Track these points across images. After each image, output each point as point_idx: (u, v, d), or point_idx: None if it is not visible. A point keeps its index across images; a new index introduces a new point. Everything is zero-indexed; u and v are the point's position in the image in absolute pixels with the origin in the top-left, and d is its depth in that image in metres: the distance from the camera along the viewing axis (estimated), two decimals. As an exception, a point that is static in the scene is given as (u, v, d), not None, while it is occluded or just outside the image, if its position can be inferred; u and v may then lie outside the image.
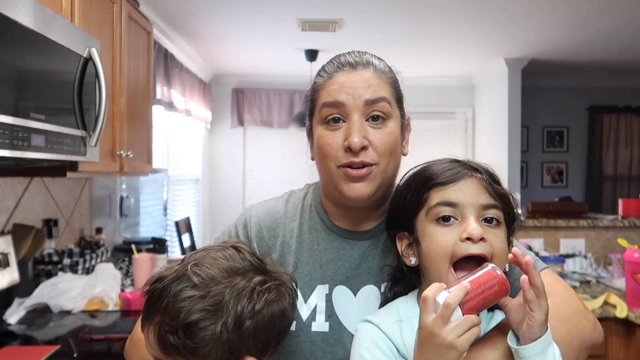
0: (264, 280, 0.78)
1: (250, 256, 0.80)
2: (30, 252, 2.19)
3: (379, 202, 0.93)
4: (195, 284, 0.74)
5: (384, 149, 0.88)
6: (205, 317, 0.73)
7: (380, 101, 0.88)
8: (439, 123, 5.75)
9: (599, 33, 3.90)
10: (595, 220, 3.03)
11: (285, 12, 3.47)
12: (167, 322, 0.73)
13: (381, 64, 0.94)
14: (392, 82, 0.93)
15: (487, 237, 0.80)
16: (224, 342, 0.73)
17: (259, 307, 0.75)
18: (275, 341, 0.80)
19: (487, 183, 0.85)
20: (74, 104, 1.64)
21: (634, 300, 2.24)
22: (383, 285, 0.90)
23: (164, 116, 4.03)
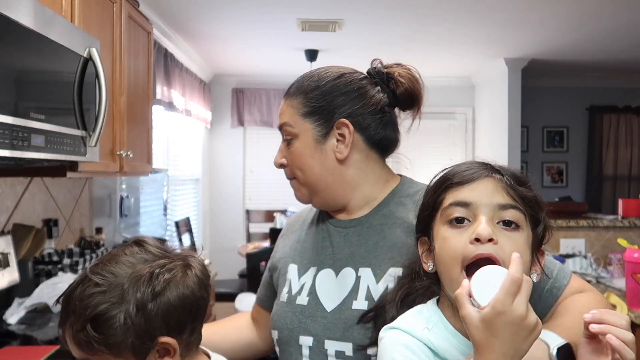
0: (164, 264, 0.81)
1: (153, 247, 0.84)
2: (30, 252, 2.19)
3: (336, 201, 1.03)
4: (97, 282, 0.78)
5: (293, 165, 1.02)
6: (108, 308, 0.77)
7: (284, 126, 1.02)
8: (439, 123, 5.75)
9: (599, 33, 3.90)
10: (595, 220, 3.03)
11: (285, 12, 3.47)
12: (76, 322, 0.78)
13: (294, 87, 1.04)
14: (299, 101, 1.01)
15: (499, 239, 0.75)
16: (131, 328, 0.77)
17: (159, 288, 0.78)
18: (190, 319, 0.82)
19: (508, 184, 0.79)
20: (74, 104, 1.64)
21: (634, 300, 2.24)
22: (360, 268, 0.97)
23: (164, 116, 4.03)
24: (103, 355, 0.78)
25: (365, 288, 0.94)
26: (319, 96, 1.00)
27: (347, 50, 4.47)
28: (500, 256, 0.74)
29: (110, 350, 0.77)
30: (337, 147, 0.99)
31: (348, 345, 0.92)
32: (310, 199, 1.03)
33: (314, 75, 1.03)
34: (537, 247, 0.81)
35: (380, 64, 1.04)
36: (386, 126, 1.03)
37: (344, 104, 0.99)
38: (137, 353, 0.79)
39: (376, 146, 1.03)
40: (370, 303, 0.92)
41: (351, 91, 1.00)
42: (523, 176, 0.83)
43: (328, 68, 1.04)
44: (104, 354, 0.78)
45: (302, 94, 1.01)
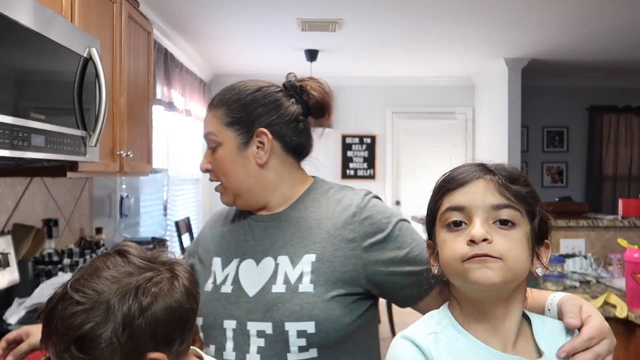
0: (151, 277, 0.78)
1: (136, 258, 0.80)
2: (30, 252, 2.19)
3: (258, 202, 1.14)
4: (78, 300, 0.74)
5: (218, 171, 1.13)
6: (93, 327, 0.73)
7: (208, 135, 1.12)
8: (439, 123, 5.76)
9: (599, 33, 3.90)
10: (595, 220, 3.03)
11: (285, 12, 3.47)
12: (59, 341, 0.74)
13: (217, 99, 1.14)
14: (222, 112, 1.12)
15: (495, 239, 0.77)
16: (117, 347, 0.73)
17: (146, 303, 0.75)
18: (179, 331, 0.79)
19: (500, 183, 0.80)
20: (74, 104, 1.64)
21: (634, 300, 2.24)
22: (278, 257, 1.08)
23: (164, 116, 4.03)
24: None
25: (283, 273, 1.06)
26: (239, 108, 1.11)
27: (347, 50, 4.47)
28: (496, 254, 0.77)
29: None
30: (258, 154, 1.11)
31: (268, 324, 1.03)
32: (234, 201, 1.14)
33: (235, 89, 1.13)
34: (539, 241, 0.83)
35: (294, 78, 1.18)
36: (300, 134, 1.15)
37: (263, 114, 1.10)
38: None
39: (292, 152, 1.14)
40: (288, 286, 1.04)
41: (269, 103, 1.11)
42: (517, 172, 0.84)
43: (247, 82, 1.16)
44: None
45: (224, 106, 1.12)
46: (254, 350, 1.03)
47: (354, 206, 1.08)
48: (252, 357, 1.03)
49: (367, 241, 1.04)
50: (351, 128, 5.72)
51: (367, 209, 1.07)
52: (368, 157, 5.73)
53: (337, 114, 5.67)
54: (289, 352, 1.01)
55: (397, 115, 5.76)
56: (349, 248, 1.04)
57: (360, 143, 5.74)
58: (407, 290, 1.05)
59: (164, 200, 3.61)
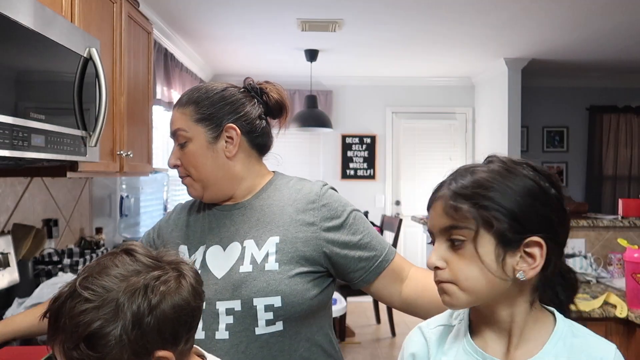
0: (159, 275, 0.79)
1: (143, 256, 0.81)
2: (30, 252, 2.19)
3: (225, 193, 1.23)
4: (87, 297, 0.75)
5: (188, 164, 1.21)
6: (103, 325, 0.73)
7: (178, 131, 1.21)
8: (439, 123, 5.76)
9: (599, 33, 3.90)
10: (595, 220, 3.03)
11: (285, 12, 3.47)
12: (68, 339, 0.74)
13: (185, 97, 1.23)
14: (192, 109, 1.21)
15: (450, 261, 0.79)
16: (127, 345, 0.74)
17: (155, 301, 0.76)
18: (186, 330, 0.80)
19: (446, 202, 0.79)
20: (74, 104, 1.64)
21: (634, 300, 2.24)
22: (244, 241, 1.17)
23: (164, 116, 4.03)
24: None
25: (250, 255, 1.15)
26: (208, 105, 1.21)
27: (347, 50, 4.47)
28: (446, 279, 0.79)
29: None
30: (227, 147, 1.20)
31: (237, 302, 1.11)
32: (202, 193, 1.21)
33: (202, 88, 1.23)
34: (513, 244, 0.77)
35: (252, 82, 1.26)
36: (263, 131, 1.24)
37: (231, 111, 1.20)
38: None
39: (256, 147, 1.25)
40: (254, 266, 1.13)
41: (235, 101, 1.21)
42: (470, 181, 0.79)
43: (213, 83, 1.25)
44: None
45: (193, 104, 1.21)
46: (222, 327, 1.11)
47: (313, 194, 1.19)
48: (221, 334, 1.11)
49: (325, 225, 1.16)
50: (351, 128, 5.72)
51: (325, 197, 1.19)
52: (368, 157, 5.73)
53: (337, 114, 5.67)
54: (256, 326, 1.10)
55: (397, 115, 5.76)
56: (310, 230, 1.15)
57: (360, 143, 5.74)
58: (358, 273, 1.18)
59: (164, 200, 3.61)
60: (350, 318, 4.59)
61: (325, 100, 5.55)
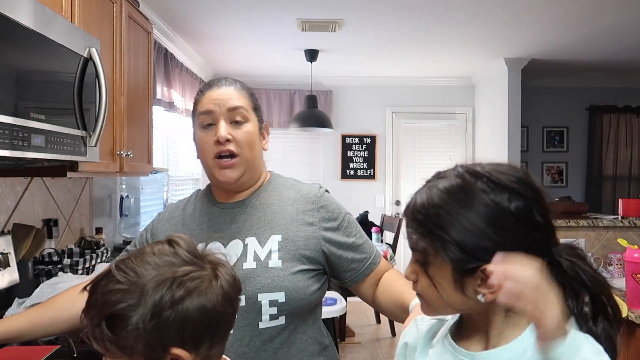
0: (190, 271, 0.77)
1: (183, 250, 0.80)
2: (30, 252, 2.19)
3: (253, 180, 1.27)
4: (118, 279, 0.75)
5: (243, 143, 1.22)
6: (126, 308, 0.73)
7: (239, 109, 1.23)
8: (439, 123, 5.76)
9: (599, 33, 3.90)
10: (595, 220, 3.03)
11: (285, 12, 3.47)
12: (95, 316, 0.75)
13: (239, 83, 1.29)
14: (248, 96, 1.27)
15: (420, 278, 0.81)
16: (142, 335, 0.73)
17: (178, 296, 0.74)
18: (210, 334, 0.77)
19: (406, 222, 0.81)
20: (74, 104, 1.64)
21: (634, 300, 2.24)
22: (246, 238, 1.20)
23: (164, 116, 4.03)
24: (117, 355, 0.75)
25: (253, 252, 1.18)
26: (256, 100, 1.31)
27: (347, 50, 4.47)
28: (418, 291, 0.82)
29: (122, 352, 0.74)
30: (265, 140, 1.31)
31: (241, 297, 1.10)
32: (239, 176, 1.22)
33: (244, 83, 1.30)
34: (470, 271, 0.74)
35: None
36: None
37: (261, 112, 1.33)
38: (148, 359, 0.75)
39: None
40: (258, 263, 1.16)
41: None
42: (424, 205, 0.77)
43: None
44: (118, 354, 0.75)
45: (248, 91, 1.28)
46: None
47: (312, 195, 1.25)
48: None
49: (324, 225, 1.22)
50: (351, 128, 5.72)
51: (323, 199, 1.25)
52: (368, 157, 5.73)
53: (337, 114, 5.67)
54: (260, 320, 1.14)
55: (397, 115, 5.76)
56: (310, 230, 1.21)
57: (360, 143, 5.73)
58: (349, 273, 1.24)
59: (164, 200, 3.61)
60: (350, 318, 4.59)
61: (325, 100, 5.55)
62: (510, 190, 0.75)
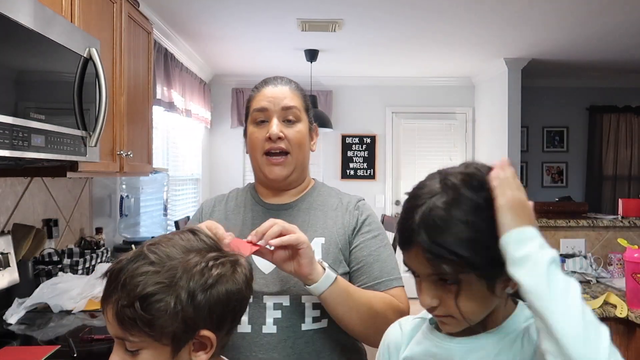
0: (218, 256, 0.82)
1: (206, 237, 0.85)
2: (30, 252, 2.19)
3: (300, 180, 1.30)
4: (152, 260, 0.78)
5: (294, 141, 1.23)
6: (159, 290, 0.76)
7: (293, 109, 1.24)
8: (439, 123, 5.75)
9: (599, 33, 3.90)
10: (595, 220, 3.03)
11: (285, 12, 3.47)
12: (124, 297, 0.77)
13: (294, 83, 1.31)
14: (301, 97, 1.29)
15: (444, 298, 0.79)
16: (178, 314, 0.76)
17: (211, 281, 0.79)
18: (231, 317, 0.83)
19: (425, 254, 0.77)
20: (74, 104, 1.64)
21: (634, 300, 2.24)
22: None
23: (164, 116, 4.03)
24: (142, 336, 0.77)
25: None
26: (308, 102, 1.31)
27: (347, 50, 4.47)
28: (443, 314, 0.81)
29: (152, 332, 0.76)
30: (314, 141, 1.32)
31: (285, 297, 1.16)
32: (288, 175, 1.24)
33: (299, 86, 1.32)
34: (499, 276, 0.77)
35: None
36: None
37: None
38: (175, 342, 0.78)
39: None
40: None
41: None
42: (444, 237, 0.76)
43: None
44: (144, 336, 0.77)
45: (302, 94, 1.30)
46: (270, 321, 1.15)
47: (353, 204, 1.28)
48: (269, 328, 1.14)
49: (361, 231, 1.24)
50: (351, 128, 5.72)
51: (364, 209, 1.28)
52: (368, 157, 5.73)
53: (337, 114, 5.67)
54: (303, 322, 1.15)
55: (397, 115, 5.76)
56: (347, 235, 1.23)
57: (360, 143, 5.73)
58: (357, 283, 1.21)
59: (164, 200, 3.61)
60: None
61: (325, 100, 5.55)
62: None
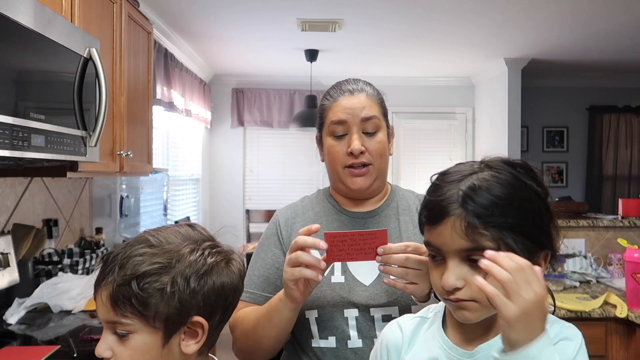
0: (213, 246, 0.84)
1: (204, 230, 0.87)
2: (30, 252, 2.19)
3: (380, 188, 1.26)
4: (152, 243, 0.80)
5: (376, 153, 1.20)
6: (157, 270, 0.77)
7: (372, 119, 1.20)
8: (439, 123, 5.75)
9: (599, 33, 3.90)
10: (595, 220, 3.03)
11: (285, 12, 3.47)
12: (120, 276, 0.77)
13: (370, 87, 1.26)
14: (379, 102, 1.25)
15: (472, 280, 0.75)
16: (174, 296, 0.77)
17: (206, 267, 0.80)
18: (223, 308, 0.83)
19: (465, 224, 0.75)
20: (74, 104, 1.64)
21: (634, 300, 2.24)
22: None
23: (164, 116, 4.03)
24: (135, 318, 0.77)
25: None
26: (383, 104, 1.26)
27: (347, 50, 4.47)
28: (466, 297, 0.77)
29: (145, 313, 0.76)
30: (391, 144, 1.27)
31: (394, 308, 1.12)
32: (370, 185, 1.21)
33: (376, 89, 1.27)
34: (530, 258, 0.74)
35: None
36: None
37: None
38: (167, 326, 0.78)
39: None
40: None
41: None
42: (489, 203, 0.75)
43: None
44: (137, 317, 0.77)
45: (379, 99, 1.25)
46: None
47: None
48: None
49: None
50: (351, 128, 5.71)
51: None
52: (368, 157, 5.73)
53: (337, 114, 5.66)
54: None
55: (397, 115, 5.76)
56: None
57: (360, 143, 5.73)
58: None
59: (164, 200, 3.61)
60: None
61: (325, 100, 5.54)
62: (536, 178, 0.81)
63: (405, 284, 0.99)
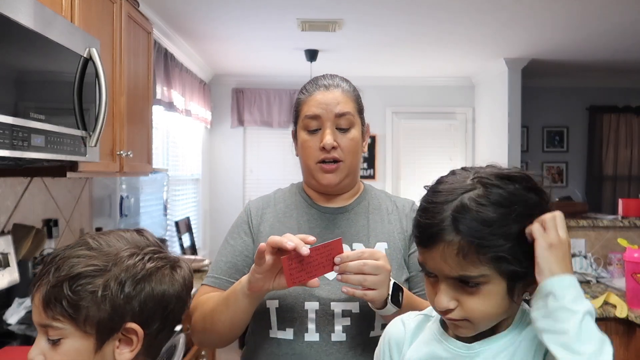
0: (156, 251, 0.81)
1: (151, 237, 0.84)
2: (30, 252, 2.19)
3: (352, 186, 1.27)
4: (91, 246, 0.78)
5: (348, 149, 1.19)
6: (90, 272, 0.75)
7: (346, 115, 1.20)
8: (439, 123, 5.75)
9: (599, 33, 3.90)
10: (595, 220, 3.03)
11: (285, 12, 3.47)
12: (55, 277, 0.75)
13: (346, 84, 1.25)
14: (354, 99, 1.24)
15: (463, 301, 0.77)
16: (105, 299, 0.74)
17: (144, 273, 0.77)
18: (162, 317, 0.80)
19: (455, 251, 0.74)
20: (74, 104, 1.64)
21: (634, 300, 2.24)
22: (353, 244, 1.19)
23: (164, 116, 4.03)
24: (66, 322, 0.74)
25: None
26: (360, 101, 1.26)
27: (347, 50, 4.47)
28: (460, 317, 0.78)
29: (75, 316, 0.74)
30: (365, 142, 1.26)
31: (355, 304, 1.12)
32: (341, 181, 1.21)
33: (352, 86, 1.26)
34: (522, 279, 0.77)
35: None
36: None
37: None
38: (100, 332, 0.75)
39: None
40: None
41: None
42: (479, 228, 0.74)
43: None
44: (67, 321, 0.74)
45: (355, 95, 1.25)
46: (339, 329, 1.12)
47: (408, 208, 1.26)
48: (338, 336, 1.12)
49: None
50: (351, 128, 5.71)
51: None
52: (368, 157, 5.73)
53: (337, 114, 5.66)
54: (372, 329, 1.13)
55: (397, 115, 5.76)
56: (406, 240, 1.21)
57: (360, 143, 5.73)
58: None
59: (164, 200, 3.61)
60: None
61: (325, 100, 5.54)
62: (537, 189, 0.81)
63: (364, 291, 0.99)
